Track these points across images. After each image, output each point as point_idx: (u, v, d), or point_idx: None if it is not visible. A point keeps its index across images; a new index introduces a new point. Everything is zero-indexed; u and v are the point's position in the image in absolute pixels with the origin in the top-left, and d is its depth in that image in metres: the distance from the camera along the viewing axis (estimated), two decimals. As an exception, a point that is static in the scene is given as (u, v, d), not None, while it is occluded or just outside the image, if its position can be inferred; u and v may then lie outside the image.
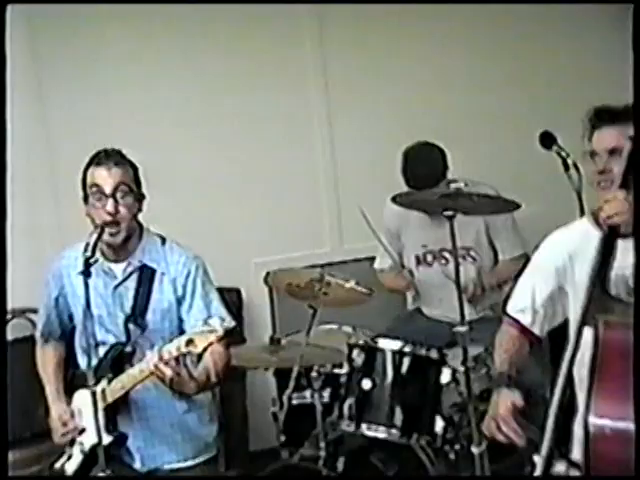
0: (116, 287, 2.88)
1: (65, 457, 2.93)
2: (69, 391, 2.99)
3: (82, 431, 2.88)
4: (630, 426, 2.02)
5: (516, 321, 2.70)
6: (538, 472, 2.13)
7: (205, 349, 2.61)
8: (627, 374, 2.05)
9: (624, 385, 2.06)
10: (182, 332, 2.85)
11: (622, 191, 2.22)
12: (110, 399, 2.78)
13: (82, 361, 2.96)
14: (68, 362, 3.08)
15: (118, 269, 2.88)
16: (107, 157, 2.79)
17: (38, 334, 3.10)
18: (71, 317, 3.01)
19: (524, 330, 2.70)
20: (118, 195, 2.75)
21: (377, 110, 4.81)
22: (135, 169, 2.85)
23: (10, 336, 4.11)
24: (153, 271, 2.88)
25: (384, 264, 4.18)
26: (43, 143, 4.44)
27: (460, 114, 4.83)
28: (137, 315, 2.87)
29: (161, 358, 2.61)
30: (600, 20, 4.92)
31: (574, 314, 2.52)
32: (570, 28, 4.96)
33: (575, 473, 2.24)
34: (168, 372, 2.62)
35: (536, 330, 2.68)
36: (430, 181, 3.77)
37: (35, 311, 3.89)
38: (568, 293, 2.60)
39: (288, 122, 4.77)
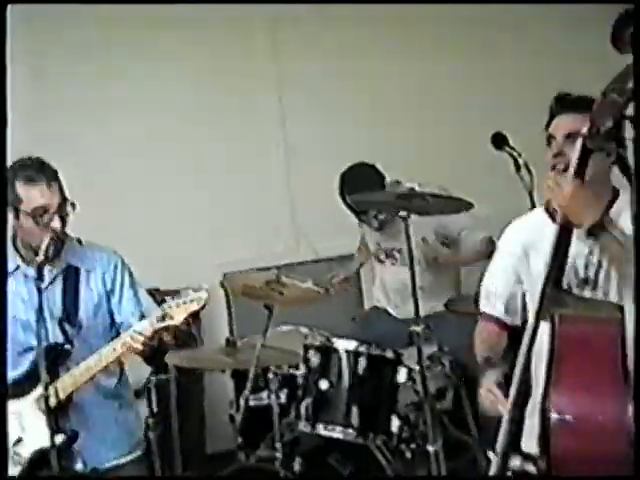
0: (43, 290, 2.83)
1: None
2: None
3: (16, 442, 2.83)
4: (590, 417, 2.05)
5: (491, 317, 2.72)
6: (494, 468, 2.13)
7: (185, 319, 2.66)
8: (584, 366, 2.10)
9: (582, 377, 2.10)
10: (113, 325, 2.95)
11: (576, 180, 2.22)
12: (56, 400, 2.75)
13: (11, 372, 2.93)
14: None
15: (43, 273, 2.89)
16: (38, 172, 2.78)
17: None
18: None
19: (499, 323, 2.71)
20: (62, 210, 2.78)
21: (330, 111, 4.87)
22: (58, 177, 2.85)
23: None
24: (77, 270, 2.92)
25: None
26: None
27: (415, 119, 4.89)
28: (69, 314, 2.89)
29: (133, 337, 2.66)
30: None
31: (532, 305, 2.55)
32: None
33: (530, 466, 2.26)
34: (139, 346, 2.66)
35: (509, 321, 2.69)
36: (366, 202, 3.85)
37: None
38: (524, 284, 2.64)
39: (243, 126, 4.82)
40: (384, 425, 3.32)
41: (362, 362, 3.34)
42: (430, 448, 3.15)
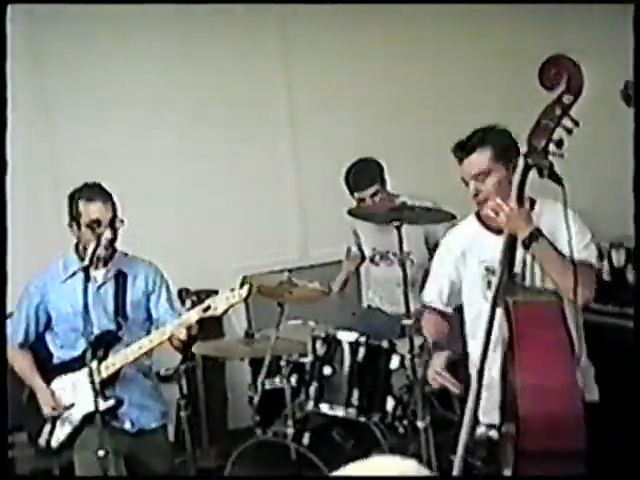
0: (98, 289, 3.33)
1: (47, 433, 3.29)
2: (46, 379, 3.33)
3: (70, 406, 3.24)
4: (547, 382, 2.28)
5: (434, 309, 3.04)
6: (463, 434, 2.34)
7: (226, 311, 3.06)
8: (541, 341, 2.35)
9: (540, 350, 2.34)
10: (148, 319, 3.39)
11: (518, 200, 2.51)
12: (105, 373, 3.14)
13: (60, 354, 3.37)
14: (37, 359, 3.40)
15: (98, 275, 3.34)
16: (97, 193, 3.21)
17: (16, 342, 3.38)
18: (48, 322, 3.39)
19: (441, 313, 3.04)
20: (113, 224, 3.22)
21: (340, 120, 4.83)
22: (113, 199, 3.25)
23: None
24: (125, 275, 3.37)
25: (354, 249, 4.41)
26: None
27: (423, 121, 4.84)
28: (121, 309, 3.33)
29: (180, 325, 3.06)
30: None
31: (467, 299, 2.87)
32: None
33: (493, 433, 2.52)
34: (183, 336, 3.07)
35: (449, 311, 3.03)
36: (363, 182, 3.98)
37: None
38: (462, 281, 2.93)
39: (256, 136, 4.78)
40: (380, 405, 3.47)
41: (361, 351, 3.47)
42: (420, 424, 3.27)
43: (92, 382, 2.96)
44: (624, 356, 3.24)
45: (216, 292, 4.52)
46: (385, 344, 3.53)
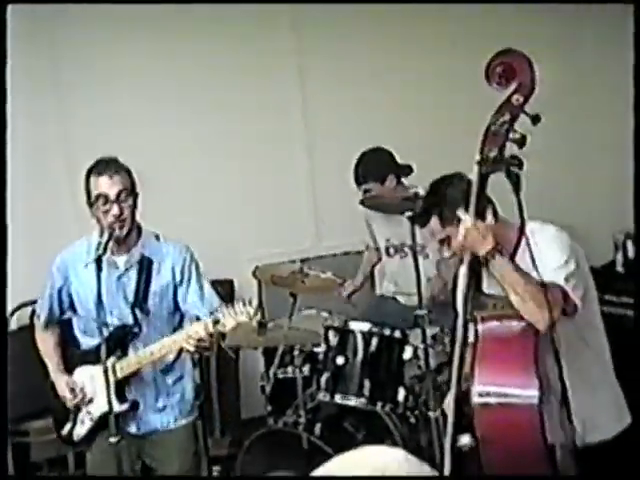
0: (119, 277, 2.98)
1: (70, 424, 3.07)
2: (69, 368, 3.10)
3: (90, 400, 3.02)
4: (509, 398, 2.16)
5: None
6: (447, 443, 2.22)
7: (233, 328, 2.78)
8: (503, 355, 2.22)
9: (501, 364, 2.21)
10: (176, 312, 3.03)
11: (473, 219, 2.27)
12: (121, 374, 2.91)
13: (83, 341, 3.09)
14: (64, 344, 3.16)
15: (120, 261, 2.98)
16: (107, 166, 2.87)
17: (41, 322, 3.15)
18: (72, 304, 3.08)
19: None
20: (121, 199, 2.86)
21: (353, 112, 4.79)
22: (130, 173, 2.93)
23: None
24: (151, 261, 2.99)
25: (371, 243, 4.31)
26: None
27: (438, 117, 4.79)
28: (141, 300, 2.97)
29: (189, 337, 2.78)
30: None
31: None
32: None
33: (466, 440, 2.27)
34: (191, 348, 2.80)
35: None
36: (366, 175, 3.84)
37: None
38: None
39: (271, 127, 4.74)
40: (392, 395, 3.42)
41: (374, 341, 3.43)
42: (431, 414, 3.26)
43: (107, 382, 2.77)
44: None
45: (230, 282, 4.60)
46: (398, 334, 3.48)
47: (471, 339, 2.25)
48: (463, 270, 2.33)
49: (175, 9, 4.42)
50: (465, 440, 2.17)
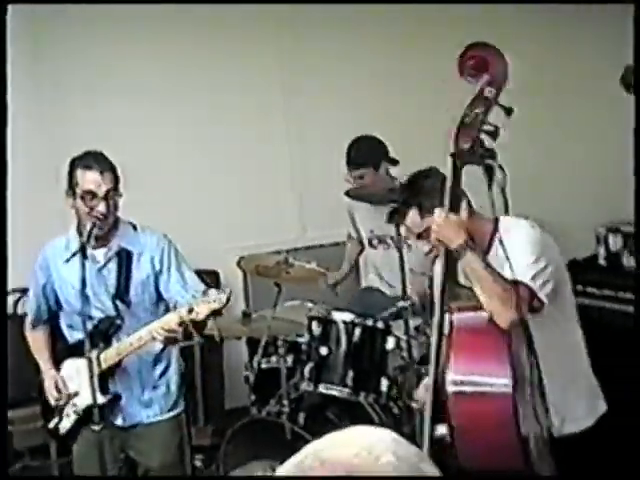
0: (100, 270, 2.97)
1: (57, 418, 3.06)
2: (57, 361, 3.10)
3: (75, 394, 3.01)
4: (483, 387, 2.18)
5: None
6: (426, 433, 2.22)
7: (207, 316, 2.75)
8: (476, 345, 2.24)
9: (475, 354, 2.23)
10: (160, 301, 3.02)
11: (446, 213, 2.29)
12: (104, 365, 2.90)
13: (69, 335, 3.08)
14: (53, 337, 3.15)
15: (99, 254, 2.97)
16: (95, 161, 2.85)
17: (29, 322, 3.15)
18: (57, 301, 3.08)
19: None
20: (109, 197, 2.85)
21: (338, 100, 4.81)
22: (115, 170, 2.90)
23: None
24: (129, 253, 2.97)
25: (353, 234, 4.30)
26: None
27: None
28: (122, 292, 2.96)
29: (163, 328, 2.76)
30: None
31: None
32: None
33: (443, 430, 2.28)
34: (160, 338, 2.79)
35: None
36: (362, 159, 3.82)
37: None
38: None
39: (254, 119, 4.76)
40: (375, 385, 3.42)
41: (357, 332, 3.43)
42: (414, 405, 3.11)
43: (91, 374, 2.76)
44: (620, 340, 3.17)
45: (215, 273, 4.60)
46: (380, 325, 3.48)
47: (446, 329, 2.27)
48: (439, 262, 2.34)
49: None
50: (442, 430, 2.18)
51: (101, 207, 2.83)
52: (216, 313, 2.78)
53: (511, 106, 2.19)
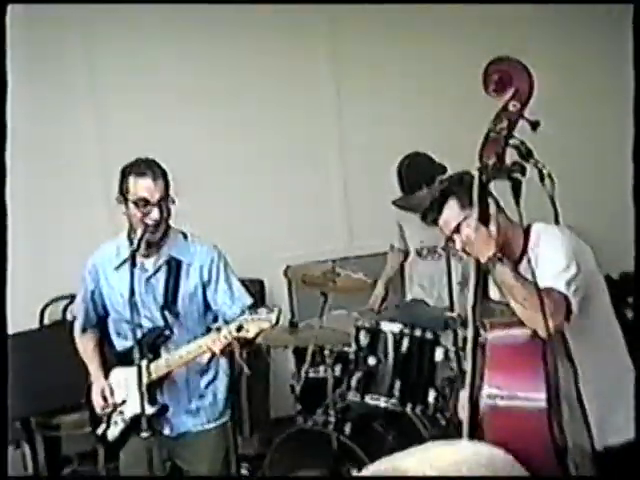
0: (148, 279, 2.94)
1: (104, 425, 3.05)
2: (106, 368, 3.09)
3: (123, 402, 3.00)
4: (517, 401, 2.13)
5: None
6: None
7: (257, 335, 2.76)
8: (511, 361, 2.20)
9: (510, 369, 2.19)
10: (208, 312, 3.00)
11: (478, 223, 2.27)
12: (154, 375, 2.88)
13: (117, 343, 3.06)
14: (102, 344, 3.14)
15: (149, 263, 2.94)
16: (148, 168, 2.82)
17: (78, 327, 3.14)
18: (105, 307, 3.06)
19: None
20: (162, 204, 2.82)
21: (386, 114, 4.79)
22: (167, 177, 2.87)
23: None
24: (179, 262, 2.94)
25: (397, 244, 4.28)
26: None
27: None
28: (170, 302, 2.93)
29: (214, 341, 2.77)
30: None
31: None
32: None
33: None
34: (217, 351, 2.79)
35: None
36: (415, 184, 3.83)
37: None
38: None
39: (304, 130, 4.78)
40: (422, 396, 3.40)
41: (405, 342, 3.42)
42: (461, 417, 3.23)
43: (140, 384, 2.74)
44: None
45: (261, 282, 4.60)
46: (429, 335, 3.47)
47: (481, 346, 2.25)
48: (471, 276, 2.31)
49: (217, 10, 4.46)
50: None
51: (154, 214, 2.81)
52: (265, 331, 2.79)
53: (537, 120, 2.16)
